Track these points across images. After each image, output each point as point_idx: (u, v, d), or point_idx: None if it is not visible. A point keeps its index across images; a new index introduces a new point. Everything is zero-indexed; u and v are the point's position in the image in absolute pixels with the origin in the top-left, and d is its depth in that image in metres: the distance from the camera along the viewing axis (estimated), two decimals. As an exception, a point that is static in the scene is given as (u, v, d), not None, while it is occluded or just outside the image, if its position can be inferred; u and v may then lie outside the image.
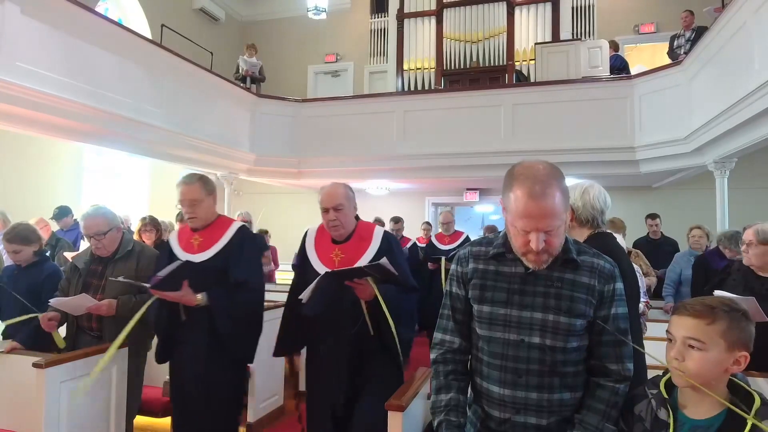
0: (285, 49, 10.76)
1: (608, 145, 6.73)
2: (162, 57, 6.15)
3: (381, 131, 7.66)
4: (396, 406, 1.83)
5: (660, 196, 8.32)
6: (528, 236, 1.31)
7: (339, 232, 2.30)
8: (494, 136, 7.10)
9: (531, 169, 1.32)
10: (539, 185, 1.28)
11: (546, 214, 1.27)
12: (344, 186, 2.34)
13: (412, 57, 9.42)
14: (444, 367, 1.49)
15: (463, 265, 1.49)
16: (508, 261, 1.42)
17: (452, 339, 1.50)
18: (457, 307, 1.50)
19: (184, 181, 2.49)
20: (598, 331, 1.39)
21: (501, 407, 1.39)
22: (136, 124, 5.59)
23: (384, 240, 2.32)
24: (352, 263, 2.21)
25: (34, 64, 4.46)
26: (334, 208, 2.26)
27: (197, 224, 2.51)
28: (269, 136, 7.86)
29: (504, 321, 1.39)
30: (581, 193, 2.05)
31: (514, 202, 1.31)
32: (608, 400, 1.37)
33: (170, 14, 8.94)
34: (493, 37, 8.98)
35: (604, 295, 1.39)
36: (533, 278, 1.39)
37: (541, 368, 1.36)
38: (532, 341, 1.36)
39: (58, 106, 4.71)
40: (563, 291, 1.36)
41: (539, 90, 7.21)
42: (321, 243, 2.37)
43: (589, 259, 1.42)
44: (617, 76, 7.28)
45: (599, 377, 1.40)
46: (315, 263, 2.30)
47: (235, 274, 2.41)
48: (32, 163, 6.51)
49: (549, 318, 1.35)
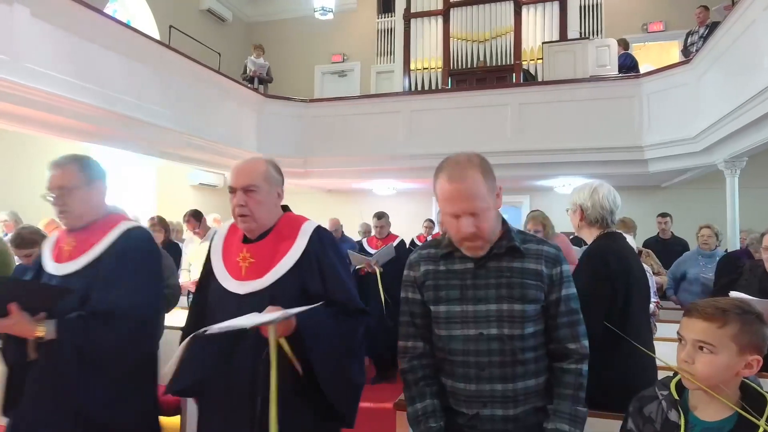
0: (292, 50, 10.79)
1: (616, 144, 6.69)
2: (169, 58, 6.18)
3: (388, 131, 7.67)
4: (403, 406, 1.82)
5: (669, 195, 8.26)
6: (458, 222, 1.36)
7: (248, 225, 1.65)
8: (501, 136, 7.09)
9: (453, 158, 1.41)
10: (458, 169, 1.36)
11: (467, 195, 1.34)
12: (266, 162, 1.72)
13: (419, 57, 9.42)
14: (413, 375, 1.50)
15: (414, 269, 1.52)
16: (457, 259, 1.46)
17: (415, 344, 1.51)
18: (415, 312, 1.51)
19: (54, 162, 1.89)
20: (553, 314, 1.43)
21: (468, 403, 1.41)
22: (143, 124, 5.63)
23: (315, 241, 1.67)
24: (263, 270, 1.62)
25: (43, 66, 4.50)
26: (243, 189, 1.62)
27: (70, 221, 1.87)
28: (276, 136, 7.88)
29: (461, 317, 1.41)
30: (590, 192, 2.04)
31: (439, 190, 1.40)
32: (574, 384, 1.41)
33: (178, 15, 8.98)
34: (500, 36, 8.95)
35: (553, 279, 1.43)
36: (484, 271, 1.42)
37: (502, 359, 1.38)
38: (490, 333, 1.39)
39: (67, 107, 4.75)
40: (513, 279, 1.40)
41: (546, 89, 7.18)
42: (230, 243, 1.74)
43: (534, 246, 1.45)
44: (625, 75, 7.23)
45: (561, 361, 1.44)
46: (218, 272, 1.69)
47: (97, 300, 1.71)
48: (41, 164, 6.56)
49: (504, 307, 1.39)
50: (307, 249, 1.64)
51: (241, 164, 1.68)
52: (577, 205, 2.09)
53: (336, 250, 1.73)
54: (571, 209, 2.14)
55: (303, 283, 1.62)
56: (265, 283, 1.61)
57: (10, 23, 4.24)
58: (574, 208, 2.11)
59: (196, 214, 5.20)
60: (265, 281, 1.61)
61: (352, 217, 7.65)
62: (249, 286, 1.62)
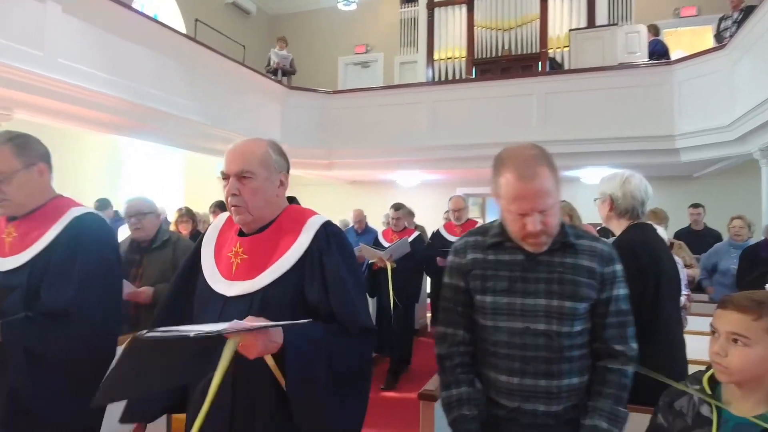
0: (315, 41, 10.80)
1: (646, 133, 6.53)
2: (195, 51, 6.27)
3: (411, 122, 7.63)
4: (428, 396, 1.82)
5: (701, 185, 8.03)
6: (524, 219, 1.31)
7: (242, 217, 1.39)
8: (526, 126, 6.98)
9: (517, 152, 1.33)
10: (528, 167, 1.29)
11: (538, 194, 1.28)
12: (267, 144, 1.44)
13: (443, 46, 9.31)
14: (450, 362, 1.48)
15: (461, 256, 1.48)
16: (507, 249, 1.42)
17: (455, 332, 1.49)
18: (458, 299, 1.48)
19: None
20: (602, 313, 1.39)
21: (509, 396, 1.39)
22: (170, 117, 5.73)
23: (321, 238, 1.39)
24: (257, 269, 1.35)
25: (74, 60, 4.61)
26: (237, 176, 1.36)
27: (10, 210, 1.69)
28: (300, 127, 7.92)
29: (508, 310, 1.38)
30: (622, 182, 2.00)
31: (504, 187, 1.32)
32: (618, 384, 1.37)
33: (203, 9, 9.08)
34: (525, 24, 8.78)
35: (606, 277, 1.39)
36: (534, 265, 1.39)
37: (548, 355, 1.35)
38: (537, 328, 1.36)
39: (97, 101, 4.86)
40: (565, 275, 1.36)
41: (573, 78, 7.04)
42: (224, 236, 1.49)
43: (588, 243, 1.41)
44: (656, 62, 7.03)
45: (606, 360, 1.40)
46: (206, 268, 1.43)
47: (47, 298, 1.55)
48: (72, 156, 6.74)
49: (553, 303, 1.35)
50: (310, 248, 1.36)
51: (235, 146, 1.41)
52: (607, 195, 2.04)
53: (345, 251, 1.43)
54: (600, 199, 2.09)
55: (303, 288, 1.34)
56: (256, 285, 1.32)
57: (43, 20, 4.35)
58: (603, 198, 2.06)
59: (222, 204, 5.27)
60: (256, 283, 1.33)
61: (375, 208, 7.66)
62: (238, 287, 1.34)
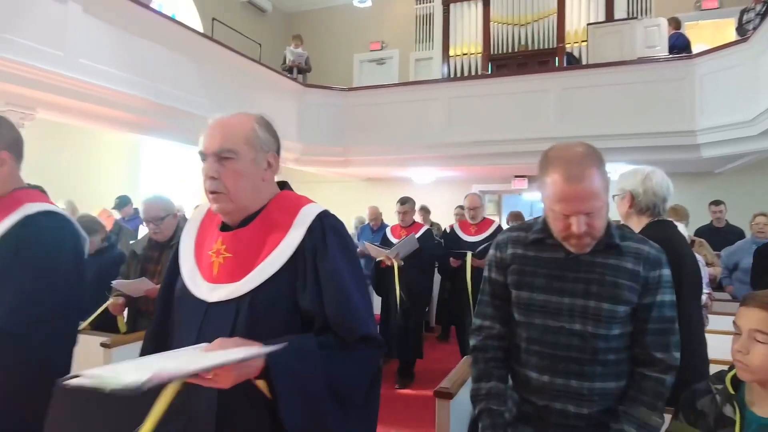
0: (330, 39, 10.81)
1: (666, 129, 6.40)
2: (212, 50, 6.32)
3: (427, 119, 7.60)
4: (444, 394, 1.81)
5: (723, 181, 7.86)
6: (568, 220, 1.27)
7: (222, 206, 1.17)
8: (543, 122, 6.91)
9: (566, 151, 1.29)
10: (576, 167, 1.25)
11: (585, 196, 1.24)
12: (253, 119, 1.26)
13: (458, 42, 9.26)
14: (484, 354, 1.48)
15: (502, 250, 1.47)
16: (548, 246, 1.40)
17: (491, 325, 1.49)
18: (496, 293, 1.48)
19: None
20: (643, 318, 1.34)
21: (539, 394, 1.37)
22: (188, 115, 5.79)
23: (316, 231, 1.17)
24: (242, 270, 1.14)
25: (94, 60, 4.68)
26: (216, 155, 1.16)
27: None
28: (316, 125, 7.95)
29: (543, 307, 1.37)
30: (642, 178, 1.96)
31: (551, 187, 1.28)
32: (654, 391, 1.32)
33: (220, 8, 9.15)
34: (542, 18, 8.69)
35: (650, 282, 1.34)
36: (574, 264, 1.35)
37: (581, 356, 1.32)
38: (573, 328, 1.33)
39: (117, 100, 4.94)
40: (606, 277, 1.33)
41: (591, 73, 6.94)
42: (205, 230, 1.27)
43: (634, 245, 1.37)
44: (676, 55, 6.90)
45: (643, 367, 1.35)
46: (185, 269, 1.22)
47: None
48: (93, 154, 6.86)
49: (590, 304, 1.32)
50: (303, 244, 1.15)
51: (215, 120, 1.23)
52: (627, 192, 2.00)
53: (344, 246, 1.19)
54: (619, 195, 2.04)
55: (296, 291, 1.14)
56: (242, 288, 1.12)
57: (64, 20, 4.43)
58: (623, 195, 2.02)
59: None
60: (242, 286, 1.12)
61: (391, 205, 7.63)
62: (221, 291, 1.13)
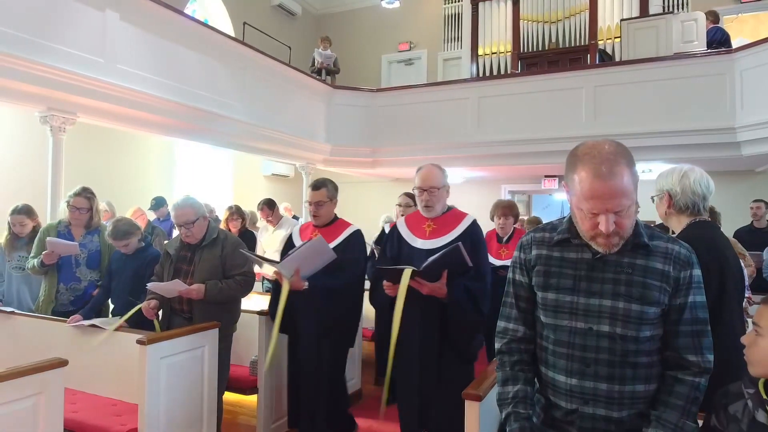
0: (359, 40, 10.87)
1: (705, 126, 6.19)
2: (244, 54, 6.44)
3: (455, 118, 7.55)
4: (473, 396, 1.81)
5: (764, 180, 7.56)
6: (596, 219, 1.25)
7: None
8: (575, 121, 6.78)
9: (595, 149, 1.25)
10: (605, 164, 1.21)
11: (614, 194, 1.21)
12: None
13: (487, 41, 9.16)
14: (509, 357, 1.46)
15: (526, 251, 1.46)
16: (574, 247, 1.37)
17: (516, 327, 1.47)
18: (520, 295, 1.46)
19: None
20: (675, 320, 1.31)
21: (568, 397, 1.34)
22: (219, 118, 5.91)
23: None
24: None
25: (131, 66, 4.84)
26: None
27: None
28: (344, 126, 8.00)
29: (570, 309, 1.34)
30: (680, 176, 1.90)
31: (579, 184, 1.25)
32: (687, 396, 1.28)
33: (251, 12, 9.32)
34: (573, 15, 8.52)
35: (680, 282, 1.31)
36: (602, 264, 1.32)
37: (611, 358, 1.30)
38: (601, 329, 1.30)
39: (153, 104, 5.08)
40: (635, 277, 1.29)
41: (625, 69, 6.76)
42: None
43: (664, 244, 1.34)
44: (715, 50, 6.66)
45: (676, 370, 1.32)
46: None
47: None
48: (131, 157, 7.08)
49: (619, 305, 1.29)
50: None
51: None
52: (665, 191, 1.95)
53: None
54: (657, 196, 1.99)
55: None
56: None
57: (103, 28, 4.59)
58: (661, 195, 1.97)
59: (270, 202, 5.42)
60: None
61: (419, 206, 7.62)
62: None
